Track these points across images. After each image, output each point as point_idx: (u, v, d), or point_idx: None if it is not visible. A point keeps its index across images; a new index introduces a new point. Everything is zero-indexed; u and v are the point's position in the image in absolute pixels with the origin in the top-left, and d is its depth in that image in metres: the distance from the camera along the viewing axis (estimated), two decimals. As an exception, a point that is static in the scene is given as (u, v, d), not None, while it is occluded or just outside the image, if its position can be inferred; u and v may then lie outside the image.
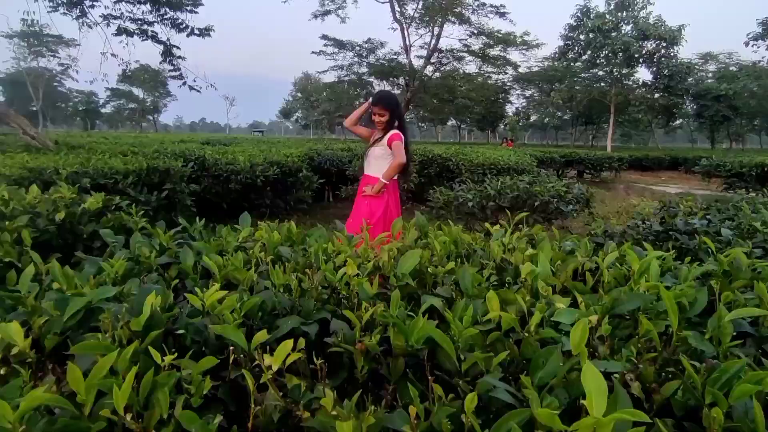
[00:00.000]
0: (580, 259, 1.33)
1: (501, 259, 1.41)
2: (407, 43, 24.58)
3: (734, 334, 0.93)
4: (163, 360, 0.81)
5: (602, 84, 31.36)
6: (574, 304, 1.06)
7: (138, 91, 64.98)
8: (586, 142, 59.99)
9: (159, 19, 9.43)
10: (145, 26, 9.35)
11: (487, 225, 1.82)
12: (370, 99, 3.14)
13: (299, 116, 66.87)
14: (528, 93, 47.46)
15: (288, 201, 6.95)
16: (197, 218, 1.81)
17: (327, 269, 1.18)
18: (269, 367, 0.79)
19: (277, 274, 1.15)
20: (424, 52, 25.51)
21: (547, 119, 51.78)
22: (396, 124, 3.10)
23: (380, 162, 3.11)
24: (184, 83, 9.94)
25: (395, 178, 3.18)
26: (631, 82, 29.76)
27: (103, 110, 68.49)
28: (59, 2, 8.67)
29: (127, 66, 9.78)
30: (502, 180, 4.44)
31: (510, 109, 47.07)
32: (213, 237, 1.63)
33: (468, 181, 4.68)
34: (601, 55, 28.84)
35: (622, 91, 28.65)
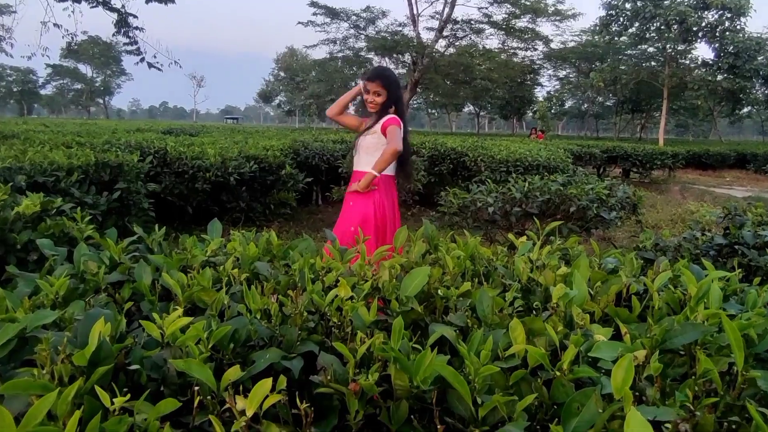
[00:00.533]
0: (624, 279, 1.33)
1: (528, 278, 1.42)
2: (415, 12, 24.76)
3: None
4: (112, 402, 0.81)
5: (653, 63, 31.52)
6: (616, 336, 1.07)
7: (85, 69, 65.42)
8: (632, 133, 60.03)
9: (112, -19, 9.51)
10: (96, -10, 9.42)
11: (510, 236, 1.83)
12: (363, 78, 3.15)
13: (282, 100, 67.17)
14: (562, 74, 47.73)
15: (267, 204, 6.98)
16: (156, 226, 1.82)
17: (314, 291, 1.19)
18: (242, 412, 0.79)
19: (253, 297, 1.15)
20: (435, 24, 25.70)
21: (586, 106, 52.02)
22: (392, 108, 3.11)
23: (372, 154, 3.09)
24: (142, 59, 10.00)
25: (392, 174, 3.17)
26: (688, 61, 29.91)
27: (42, 91, 68.95)
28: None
29: (72, 38, 9.84)
30: (530, 180, 4.45)
31: (540, 93, 47.31)
32: (175, 249, 1.64)
33: (488, 181, 4.69)
34: (652, 28, 28.99)
35: (677, 72, 28.73)
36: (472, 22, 26.76)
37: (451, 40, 27.26)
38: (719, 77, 28.91)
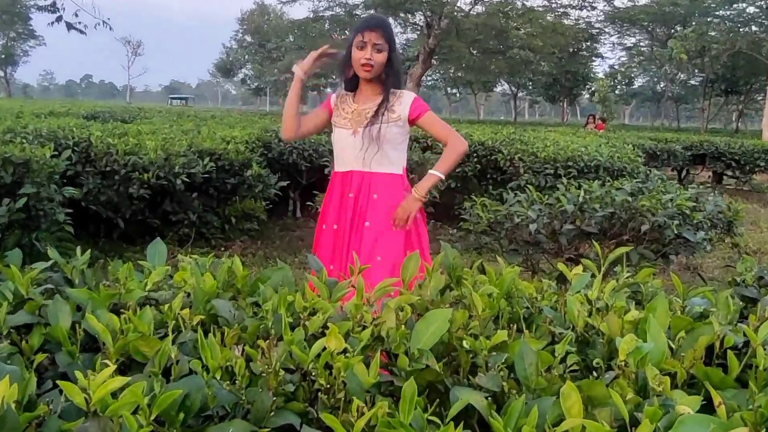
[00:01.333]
0: (717, 328, 1.34)
1: (585, 325, 1.42)
2: (429, -44, 24.99)
3: None
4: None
5: (754, 28, 31.68)
6: (707, 408, 1.07)
7: (-22, 29, 65.86)
8: (726, 123, 60.06)
9: None
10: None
11: (561, 266, 1.83)
12: (355, 30, 3.11)
13: (247, 74, 67.66)
14: (630, 41, 48.01)
15: (227, 216, 7.01)
16: (78, 249, 1.83)
17: (294, 340, 1.19)
18: None
19: (210, 348, 1.16)
20: (458, -28, 25.94)
21: (662, 85, 52.28)
22: (392, 73, 3.13)
23: (399, 148, 3.17)
24: (59, 19, 10.09)
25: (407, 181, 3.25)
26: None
27: None
28: None
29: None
30: (587, 187, 4.47)
31: (600, 69, 47.59)
32: (104, 281, 1.64)
33: (529, 187, 4.71)
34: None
35: None
36: (508, -31, 27.06)
37: (479, -5, 27.51)
38: None
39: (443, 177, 3.15)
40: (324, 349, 1.16)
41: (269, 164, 7.88)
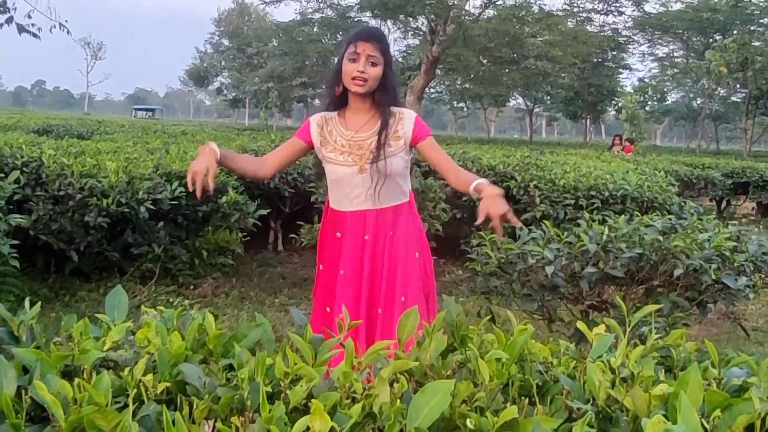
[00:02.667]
0: (758, 405, 1.34)
1: (607, 398, 1.43)
2: (434, -48, 25.30)
3: None
4: None
5: (803, 37, 31.98)
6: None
7: None
8: None
9: None
10: None
11: (580, 324, 1.84)
12: (347, 41, 3.13)
13: (224, 83, 67.92)
14: (662, 51, 48.47)
15: (197, 250, 6.99)
16: (26, 295, 1.83)
17: (273, 418, 1.19)
18: None
19: (177, 427, 1.16)
20: (466, -29, 26.23)
21: (699, 102, 52.61)
22: (388, 88, 3.16)
23: (405, 175, 3.29)
24: (10, 20, 10.17)
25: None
26: None
27: None
28: None
29: None
30: (612, 222, 4.47)
31: (627, 82, 47.91)
32: (55, 338, 1.65)
33: (545, 223, 4.73)
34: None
35: None
36: (524, -31, 27.36)
37: (490, -2, 27.76)
38: None
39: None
40: (307, 428, 1.16)
41: (247, 189, 7.89)
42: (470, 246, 4.67)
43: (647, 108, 45.50)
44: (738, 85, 42.39)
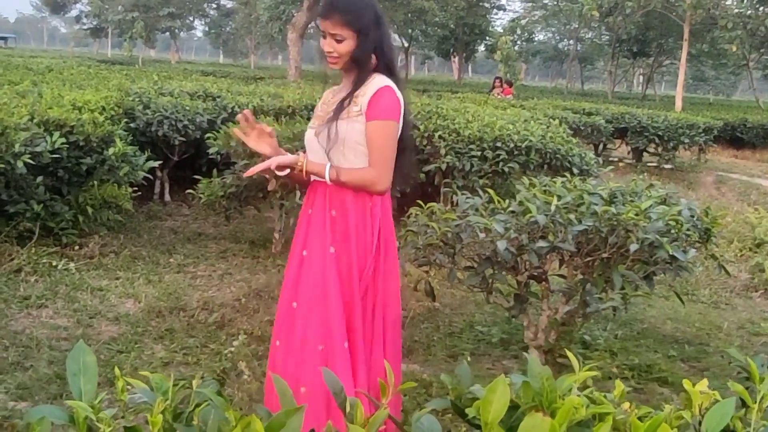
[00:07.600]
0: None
1: None
2: None
3: None
4: None
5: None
6: None
7: None
8: (628, 87, 61.58)
9: None
10: None
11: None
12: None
13: (84, 11, 61.81)
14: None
15: (82, 206, 6.41)
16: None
17: None
18: None
19: None
20: None
21: (567, 42, 53.24)
22: (373, 59, 2.88)
23: (362, 153, 2.84)
24: None
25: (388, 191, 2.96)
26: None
27: None
28: None
29: None
30: (551, 187, 4.27)
31: (500, 22, 47.79)
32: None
33: (479, 186, 4.43)
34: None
35: (702, 3, 29.55)
36: None
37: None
38: (762, 10, 30.41)
39: (330, 178, 2.80)
40: None
41: (135, 139, 7.33)
42: (407, 216, 4.35)
43: (516, 48, 45.44)
44: (604, 29, 43.36)
